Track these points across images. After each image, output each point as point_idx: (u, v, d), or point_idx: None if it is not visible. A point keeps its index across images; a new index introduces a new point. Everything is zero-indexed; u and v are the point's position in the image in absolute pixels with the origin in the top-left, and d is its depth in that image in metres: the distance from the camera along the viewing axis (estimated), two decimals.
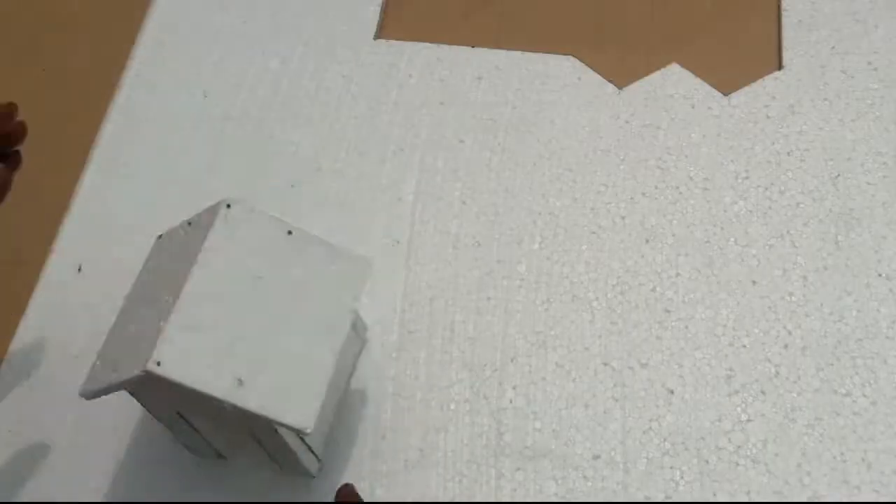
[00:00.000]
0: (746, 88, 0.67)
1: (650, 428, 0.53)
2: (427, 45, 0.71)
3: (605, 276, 0.59)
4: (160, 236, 0.49)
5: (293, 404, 0.43)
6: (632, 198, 0.63)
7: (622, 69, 0.70)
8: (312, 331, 0.45)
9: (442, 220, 0.62)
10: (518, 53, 0.70)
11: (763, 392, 0.54)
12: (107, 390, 0.44)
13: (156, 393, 0.45)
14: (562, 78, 0.69)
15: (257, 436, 0.47)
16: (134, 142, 0.66)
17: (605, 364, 0.56)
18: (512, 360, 0.56)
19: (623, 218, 0.62)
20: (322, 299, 0.46)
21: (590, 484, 0.52)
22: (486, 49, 0.71)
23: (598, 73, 0.69)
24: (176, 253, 0.47)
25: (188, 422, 0.48)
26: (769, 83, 0.68)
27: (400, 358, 0.56)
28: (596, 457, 0.53)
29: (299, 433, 0.44)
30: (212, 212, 0.46)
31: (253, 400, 0.42)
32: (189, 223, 0.48)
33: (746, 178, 0.63)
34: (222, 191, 0.63)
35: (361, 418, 0.54)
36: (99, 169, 0.65)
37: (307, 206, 0.63)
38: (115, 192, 0.64)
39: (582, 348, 0.57)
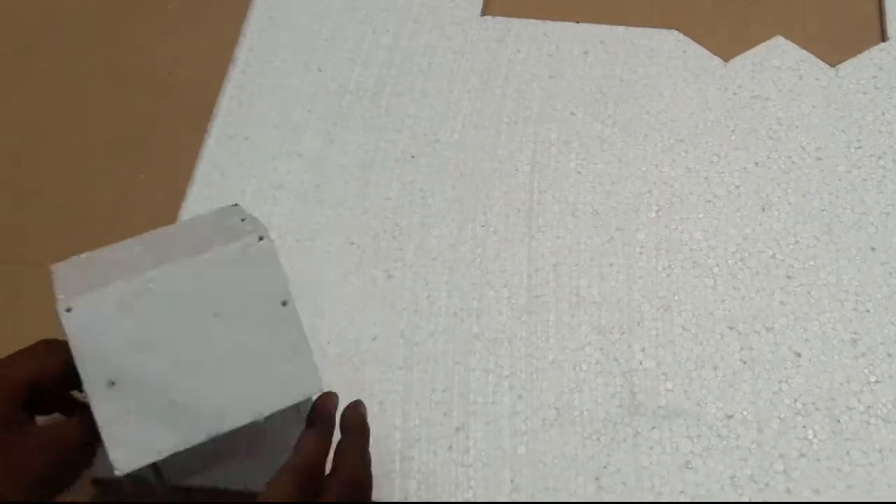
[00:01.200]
0: (853, 60, 0.68)
1: (780, 389, 0.55)
2: (532, 20, 0.72)
3: (724, 244, 0.60)
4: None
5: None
6: (745, 167, 0.64)
7: (725, 43, 0.71)
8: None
9: (559, 190, 0.63)
10: (622, 28, 0.71)
11: (889, 355, 0.55)
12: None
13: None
14: (667, 51, 0.70)
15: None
16: (252, 115, 0.68)
17: (731, 328, 0.57)
18: (638, 324, 0.57)
19: (737, 187, 0.63)
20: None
21: (724, 443, 0.53)
22: (590, 24, 0.72)
23: (703, 47, 0.70)
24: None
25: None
26: (875, 54, 0.68)
27: (529, 321, 0.58)
28: (729, 416, 0.54)
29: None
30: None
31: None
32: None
33: (859, 147, 0.64)
34: (344, 162, 0.65)
35: (498, 378, 0.56)
36: (218, 142, 0.67)
37: (428, 176, 0.64)
38: (236, 164, 0.66)
39: (706, 313, 0.58)
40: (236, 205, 0.47)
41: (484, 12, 0.73)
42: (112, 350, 0.40)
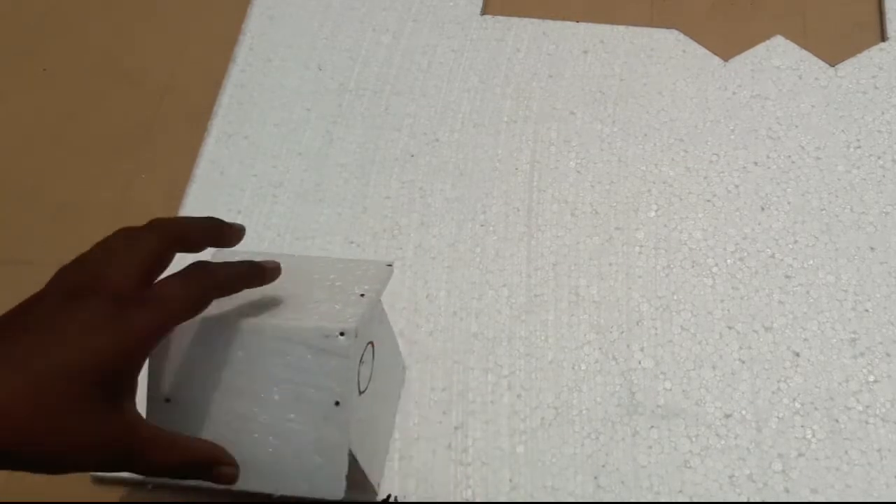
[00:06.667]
0: (852, 59, 0.68)
1: (779, 389, 0.55)
2: (532, 20, 0.72)
3: (723, 243, 0.60)
4: None
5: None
6: (744, 167, 0.64)
7: (725, 42, 0.71)
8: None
9: (558, 189, 0.63)
10: (622, 28, 0.71)
11: (888, 354, 0.55)
12: None
13: None
14: (667, 51, 0.70)
15: None
16: (252, 114, 0.68)
17: (730, 327, 0.57)
18: (637, 324, 0.57)
19: (737, 186, 0.63)
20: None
21: (723, 442, 0.53)
22: (590, 24, 0.72)
23: (703, 46, 0.70)
24: None
25: None
26: (875, 54, 0.68)
27: (529, 320, 0.58)
28: (727, 416, 0.54)
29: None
30: None
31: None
32: None
33: (858, 147, 0.64)
34: (344, 161, 0.65)
35: (497, 378, 0.56)
36: (218, 140, 0.67)
37: (428, 175, 0.64)
38: (236, 162, 0.66)
39: (705, 312, 0.58)
40: (390, 265, 0.47)
41: (484, 11, 0.73)
42: (179, 372, 0.42)
